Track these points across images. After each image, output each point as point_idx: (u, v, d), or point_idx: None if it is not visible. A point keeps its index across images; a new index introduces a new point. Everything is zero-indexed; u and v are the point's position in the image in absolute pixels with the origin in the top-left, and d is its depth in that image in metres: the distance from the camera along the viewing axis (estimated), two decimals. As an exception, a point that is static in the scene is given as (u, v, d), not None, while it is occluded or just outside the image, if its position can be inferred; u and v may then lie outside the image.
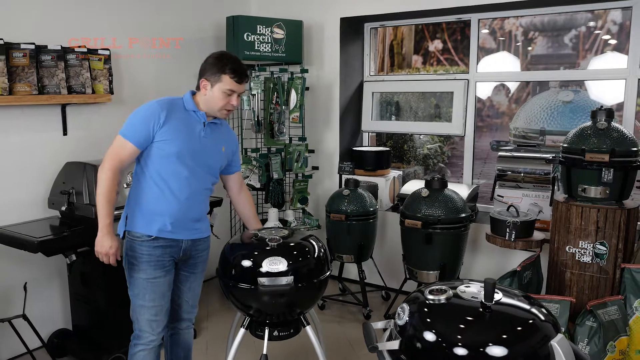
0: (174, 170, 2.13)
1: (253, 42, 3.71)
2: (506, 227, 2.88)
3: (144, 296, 2.16)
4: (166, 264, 2.19)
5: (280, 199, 3.89)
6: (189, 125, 2.17)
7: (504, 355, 1.30)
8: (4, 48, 2.71)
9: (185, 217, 2.20)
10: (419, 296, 1.51)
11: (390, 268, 3.94)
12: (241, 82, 2.16)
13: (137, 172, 2.20)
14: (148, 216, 2.15)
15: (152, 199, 2.14)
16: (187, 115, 2.18)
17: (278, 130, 3.83)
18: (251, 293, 2.06)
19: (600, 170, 2.56)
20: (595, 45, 4.36)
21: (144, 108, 2.12)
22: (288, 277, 2.03)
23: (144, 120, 2.08)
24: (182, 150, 2.13)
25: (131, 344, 2.23)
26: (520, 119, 4.13)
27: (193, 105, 2.18)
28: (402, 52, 5.22)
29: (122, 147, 2.09)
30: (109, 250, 2.07)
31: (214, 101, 2.16)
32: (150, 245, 2.14)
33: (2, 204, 2.87)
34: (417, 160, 5.40)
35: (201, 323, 3.45)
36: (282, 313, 2.15)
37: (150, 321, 2.18)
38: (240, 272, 2.08)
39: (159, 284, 2.17)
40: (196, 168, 2.18)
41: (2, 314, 2.75)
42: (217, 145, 2.27)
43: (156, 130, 2.09)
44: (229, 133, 2.38)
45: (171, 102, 2.16)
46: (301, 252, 2.13)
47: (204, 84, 2.16)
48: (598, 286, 2.62)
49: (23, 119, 2.93)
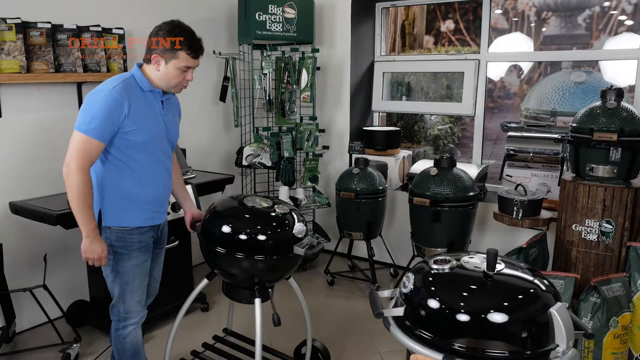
0: (145, 158, 2.07)
1: (265, 21, 3.74)
2: (513, 206, 2.92)
3: (134, 281, 2.15)
4: (150, 245, 2.22)
5: (290, 178, 3.95)
6: (149, 108, 2.07)
7: (504, 322, 1.35)
8: (21, 27, 2.77)
9: (162, 201, 2.21)
10: (423, 266, 1.56)
11: (398, 246, 4.00)
12: (197, 57, 2.06)
13: (100, 165, 2.06)
14: (130, 208, 2.09)
15: (131, 189, 2.07)
16: (145, 97, 2.06)
17: (289, 109, 3.87)
18: (286, 261, 2.12)
19: (608, 149, 2.58)
20: (609, 25, 4.32)
21: (103, 99, 1.94)
22: (311, 238, 2.15)
23: (107, 113, 1.93)
24: (149, 138, 2.06)
25: (117, 328, 2.22)
26: (531, 100, 4.12)
27: (149, 84, 2.06)
28: (414, 33, 5.21)
29: (87, 144, 1.92)
30: (101, 254, 2.02)
31: (169, 78, 2.05)
32: (139, 233, 2.12)
33: (21, 179, 2.96)
34: (427, 141, 5.42)
35: (213, 297, 3.55)
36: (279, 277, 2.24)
37: (139, 301, 2.20)
38: (269, 245, 2.08)
39: (145, 265, 2.19)
40: (165, 148, 2.17)
41: (23, 284, 2.85)
42: (173, 118, 2.23)
43: (121, 121, 1.96)
44: (174, 100, 2.29)
45: (126, 85, 2.00)
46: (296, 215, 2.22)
47: (157, 59, 2.03)
48: (603, 264, 2.66)
49: (40, 97, 3.00)
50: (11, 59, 2.75)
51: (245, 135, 4.13)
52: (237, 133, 4.17)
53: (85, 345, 2.91)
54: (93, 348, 2.91)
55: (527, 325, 1.36)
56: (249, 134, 4.13)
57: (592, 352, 2.36)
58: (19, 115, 2.92)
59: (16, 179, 2.94)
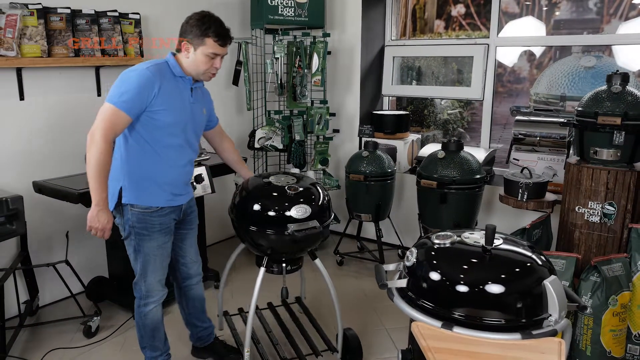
0: (171, 140, 2.15)
1: (277, 6, 3.80)
2: (518, 188, 2.99)
3: (155, 262, 2.24)
4: (172, 227, 2.30)
5: (301, 160, 4.04)
6: (179, 93, 2.16)
7: (501, 293, 1.44)
8: (42, 12, 2.87)
9: (183, 183, 2.28)
10: (426, 241, 1.65)
11: (406, 228, 4.09)
12: (225, 44, 2.13)
13: (123, 142, 2.14)
14: (150, 188, 2.16)
15: (153, 169, 2.14)
16: (176, 82, 2.15)
17: (300, 93, 3.95)
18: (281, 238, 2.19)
19: (612, 133, 2.63)
20: (621, 9, 4.32)
21: (136, 76, 2.03)
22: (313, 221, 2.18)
23: (139, 90, 2.01)
24: (177, 120, 2.14)
25: (139, 304, 2.31)
26: (541, 84, 4.15)
27: (180, 70, 2.15)
28: (425, 17, 5.23)
29: (115, 115, 1.99)
30: (105, 225, 2.04)
31: (198, 65, 2.14)
32: (160, 214, 2.19)
33: (44, 159, 3.08)
34: (437, 125, 5.47)
35: (227, 275, 3.67)
36: (295, 251, 2.34)
37: (159, 280, 2.30)
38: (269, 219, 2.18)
39: (166, 247, 2.28)
40: (189, 134, 2.23)
41: (46, 260, 2.99)
42: (200, 109, 2.30)
43: (150, 100, 2.04)
44: (205, 93, 2.40)
45: (159, 68, 2.10)
46: (316, 196, 2.29)
47: (186, 46, 2.12)
48: (605, 245, 2.73)
49: (60, 80, 3.11)
50: (33, 43, 2.85)
51: (257, 119, 4.22)
52: (249, 116, 4.26)
53: (105, 319, 3.06)
54: (112, 322, 3.05)
55: (522, 296, 1.45)
56: (261, 117, 4.23)
57: (592, 329, 2.44)
58: (40, 98, 3.03)
59: (39, 159, 3.06)
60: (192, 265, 2.50)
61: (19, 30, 2.77)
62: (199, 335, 2.64)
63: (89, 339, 2.85)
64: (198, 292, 2.57)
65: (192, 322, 2.61)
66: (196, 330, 2.63)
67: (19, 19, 2.76)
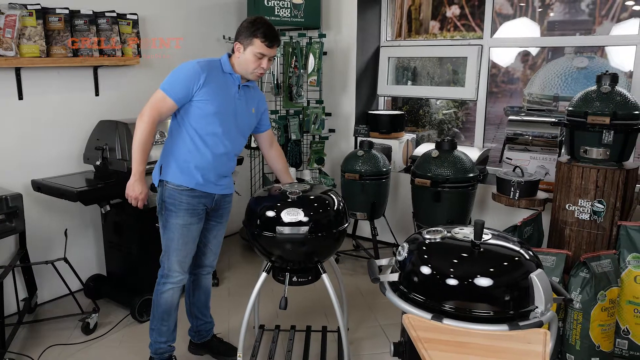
0: (210, 129, 2.29)
1: (273, 7, 3.85)
2: (510, 187, 3.04)
3: (178, 240, 2.35)
4: (200, 212, 2.39)
5: (297, 159, 4.08)
6: (226, 87, 2.31)
7: (489, 286, 1.49)
8: (41, 13, 2.91)
9: (215, 172, 2.38)
10: (417, 237, 1.70)
11: (401, 226, 4.14)
12: (272, 46, 2.28)
13: (173, 127, 2.36)
14: (184, 169, 2.32)
15: (188, 153, 2.31)
16: (224, 78, 2.32)
17: (296, 93, 4.00)
18: (272, 240, 2.19)
19: (602, 132, 2.68)
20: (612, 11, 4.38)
21: (185, 68, 2.25)
22: (304, 226, 2.15)
23: (186, 80, 2.22)
24: (219, 111, 2.28)
25: (159, 282, 2.44)
26: (534, 85, 4.21)
27: (230, 67, 2.32)
28: (420, 18, 5.28)
29: (162, 100, 2.23)
30: (138, 195, 2.27)
31: (246, 64, 2.29)
32: (189, 195, 2.33)
33: (42, 158, 3.12)
34: (432, 125, 5.52)
35: (223, 273, 3.72)
36: (301, 260, 2.30)
37: (180, 262, 2.39)
38: (264, 221, 2.19)
39: (192, 229, 2.37)
40: (230, 128, 2.35)
41: (45, 258, 3.03)
42: (248, 107, 2.42)
43: (196, 90, 2.23)
44: (258, 95, 2.53)
45: (210, 64, 2.29)
46: (318, 204, 2.25)
47: (238, 46, 2.30)
48: (595, 242, 2.78)
49: (59, 80, 3.15)
50: (32, 43, 2.89)
51: (253, 118, 4.26)
52: (246, 116, 4.30)
53: (103, 316, 3.09)
54: (110, 318, 3.09)
55: (509, 289, 1.50)
56: (257, 117, 4.26)
57: (581, 324, 2.50)
58: (39, 98, 3.07)
59: (37, 158, 3.10)
60: (209, 255, 2.60)
61: (18, 30, 2.81)
62: (198, 328, 2.69)
63: (87, 336, 2.89)
64: (206, 283, 2.65)
65: (194, 314, 2.68)
66: (197, 322, 2.69)
67: (18, 19, 2.80)
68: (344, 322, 2.32)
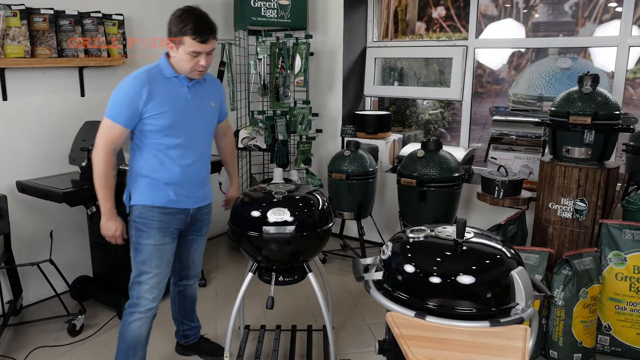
0: (170, 142, 2.13)
1: (259, 7, 3.86)
2: (495, 186, 3.08)
3: (151, 263, 2.18)
4: (173, 232, 2.24)
5: (285, 160, 4.10)
6: (174, 93, 2.12)
7: (471, 283, 1.52)
8: (25, 13, 2.89)
9: (189, 185, 2.23)
10: (401, 235, 1.72)
11: (388, 226, 4.17)
12: (205, 41, 2.04)
13: (133, 147, 2.19)
14: (153, 187, 2.16)
15: (154, 171, 2.15)
16: (169, 83, 2.12)
17: (283, 93, 4.01)
18: (258, 240, 2.19)
19: (583, 132, 2.73)
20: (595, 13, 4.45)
21: (123, 87, 2.06)
22: (290, 226, 2.16)
23: (128, 100, 2.04)
24: (174, 122, 2.11)
25: (126, 313, 2.23)
26: (519, 85, 4.26)
27: (171, 70, 2.12)
28: (406, 19, 5.32)
29: (111, 128, 2.05)
30: (114, 233, 2.15)
31: (182, 64, 2.08)
32: (160, 212, 2.17)
33: (27, 159, 3.10)
34: (418, 125, 5.56)
35: (211, 274, 3.72)
36: (287, 260, 2.30)
37: (152, 288, 2.20)
38: (250, 221, 2.19)
39: (165, 250, 2.21)
40: (191, 134, 2.18)
41: (30, 259, 3.01)
42: (206, 103, 2.25)
43: (142, 107, 2.04)
44: (215, 85, 2.34)
45: (149, 73, 2.09)
46: (303, 204, 2.26)
47: (170, 45, 2.08)
48: (577, 240, 2.83)
49: (44, 81, 3.13)
50: (16, 44, 2.87)
51: (241, 119, 4.26)
52: (233, 116, 4.30)
53: (89, 317, 3.08)
54: (97, 320, 3.07)
55: (490, 286, 1.52)
56: (244, 117, 4.27)
57: (563, 321, 2.54)
58: (24, 99, 3.05)
59: (22, 159, 3.08)
60: (193, 267, 2.51)
61: (2, 30, 2.79)
62: (185, 332, 2.67)
63: (73, 337, 2.88)
64: (192, 292, 2.60)
65: (180, 320, 2.64)
66: (183, 327, 2.66)
67: (1, 20, 2.78)
68: (329, 321, 2.34)
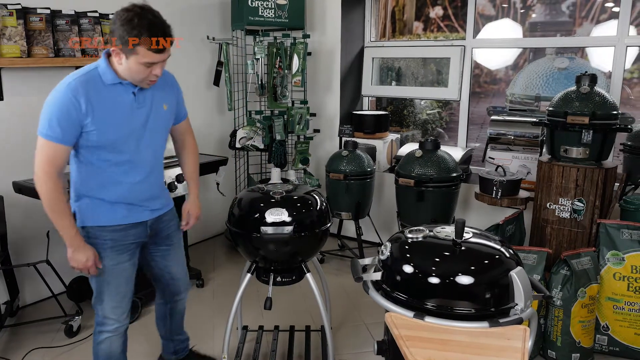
0: (114, 158, 1.89)
1: (257, 7, 3.85)
2: (493, 186, 3.08)
3: (109, 284, 2.00)
4: (130, 247, 2.03)
5: (282, 160, 4.09)
6: (116, 102, 1.84)
7: (470, 283, 1.51)
8: (22, 12, 2.88)
9: (141, 198, 2.02)
10: (400, 236, 1.72)
11: (386, 226, 4.16)
12: (162, 50, 1.76)
13: (72, 161, 1.93)
14: (98, 208, 1.94)
15: (101, 189, 1.92)
16: (110, 91, 1.83)
17: (281, 93, 4.00)
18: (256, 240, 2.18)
19: (581, 132, 2.73)
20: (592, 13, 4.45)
21: (56, 101, 1.77)
22: (288, 226, 2.15)
23: (64, 114, 1.76)
24: (118, 137, 1.86)
25: (95, 332, 2.10)
26: (517, 85, 4.27)
27: (113, 76, 1.83)
28: (404, 19, 5.32)
29: (50, 149, 1.77)
30: (86, 264, 1.89)
31: (132, 74, 1.80)
32: (112, 230, 1.96)
33: (24, 159, 3.07)
34: (416, 125, 5.56)
35: (208, 274, 3.71)
36: (285, 260, 2.29)
37: (114, 308, 2.04)
38: (248, 221, 2.19)
39: (123, 268, 2.02)
40: (140, 148, 1.94)
41: (26, 260, 2.99)
42: (157, 108, 1.98)
43: (81, 119, 1.78)
44: (166, 84, 2.03)
45: (85, 81, 1.79)
46: (301, 204, 2.26)
47: (116, 52, 1.76)
48: (575, 240, 2.83)
49: (40, 81, 3.11)
50: (12, 43, 2.85)
51: (238, 119, 4.26)
52: (230, 116, 4.30)
53: (86, 318, 3.06)
54: (93, 321, 3.05)
55: (489, 287, 1.52)
56: (242, 117, 4.26)
57: (562, 321, 2.54)
58: (20, 99, 3.03)
59: (19, 159, 3.06)
60: (179, 283, 2.33)
61: (-2, 30, 2.78)
62: (176, 349, 2.49)
63: (70, 339, 2.86)
64: (182, 307, 2.43)
65: (171, 338, 2.47)
66: (174, 345, 2.48)
67: (-2, 19, 2.77)
68: (328, 321, 2.33)
